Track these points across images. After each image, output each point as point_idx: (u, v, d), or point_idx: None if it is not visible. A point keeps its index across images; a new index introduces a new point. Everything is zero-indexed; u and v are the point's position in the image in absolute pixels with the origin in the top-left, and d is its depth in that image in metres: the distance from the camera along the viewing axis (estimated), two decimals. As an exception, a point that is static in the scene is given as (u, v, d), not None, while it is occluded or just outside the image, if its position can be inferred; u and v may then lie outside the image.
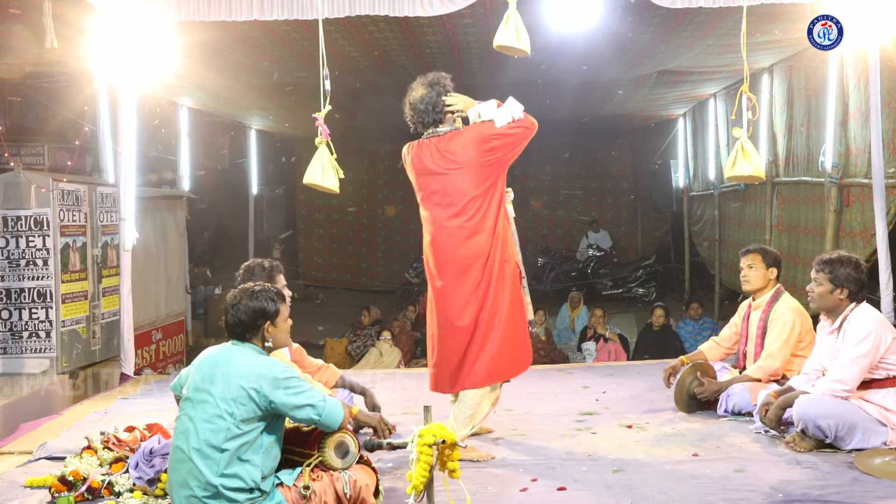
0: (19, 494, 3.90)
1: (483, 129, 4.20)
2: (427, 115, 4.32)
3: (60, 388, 6.15)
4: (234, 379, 3.12)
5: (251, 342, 3.30)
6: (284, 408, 3.14)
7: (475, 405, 4.32)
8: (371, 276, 17.29)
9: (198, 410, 3.14)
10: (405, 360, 9.35)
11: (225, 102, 10.60)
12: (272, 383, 3.11)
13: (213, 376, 3.16)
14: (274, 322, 3.32)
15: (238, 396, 3.09)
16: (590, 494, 3.78)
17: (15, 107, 7.64)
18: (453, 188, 4.23)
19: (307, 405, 3.16)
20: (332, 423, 3.24)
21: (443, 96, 4.32)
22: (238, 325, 3.29)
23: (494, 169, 4.22)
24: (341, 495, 3.26)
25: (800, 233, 8.18)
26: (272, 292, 3.36)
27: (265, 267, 4.38)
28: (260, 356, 3.26)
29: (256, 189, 13.74)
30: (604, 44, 7.42)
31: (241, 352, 3.25)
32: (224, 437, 3.07)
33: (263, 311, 3.29)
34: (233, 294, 3.36)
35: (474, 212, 4.21)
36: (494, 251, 4.23)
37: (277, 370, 3.15)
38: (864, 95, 6.34)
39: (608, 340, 9.30)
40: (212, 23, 5.49)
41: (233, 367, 3.17)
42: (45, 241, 6.31)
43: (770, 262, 5.16)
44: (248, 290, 3.33)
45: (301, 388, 3.17)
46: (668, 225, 15.39)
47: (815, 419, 4.16)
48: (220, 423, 3.08)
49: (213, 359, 3.25)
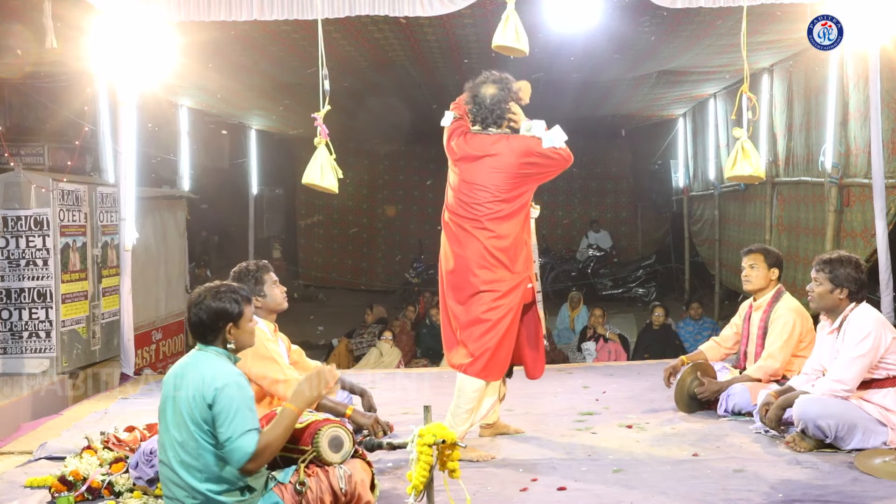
0: (19, 494, 3.90)
1: (530, 143, 4.28)
2: (491, 115, 4.36)
3: (60, 388, 6.15)
4: (190, 391, 3.05)
5: (214, 345, 3.19)
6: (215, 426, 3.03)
7: (474, 399, 4.33)
8: (371, 276, 17.30)
9: (170, 424, 3.11)
10: (405, 360, 9.34)
11: (225, 102, 10.60)
12: (210, 401, 3.02)
13: (179, 387, 3.10)
14: (237, 324, 3.20)
15: (194, 408, 3.03)
16: (590, 494, 3.77)
17: (15, 107, 7.64)
18: (481, 184, 4.28)
19: (228, 431, 2.99)
20: (231, 459, 3.00)
21: (509, 103, 4.39)
22: (199, 325, 3.18)
23: (524, 184, 4.31)
24: (337, 490, 3.24)
25: (800, 233, 8.18)
26: (238, 293, 3.23)
27: (250, 270, 4.37)
28: (212, 364, 3.12)
29: (256, 189, 13.75)
30: (604, 44, 7.42)
31: (200, 362, 3.14)
32: (197, 448, 3.04)
33: (225, 313, 3.17)
34: (197, 292, 3.24)
35: (496, 217, 4.26)
36: (513, 262, 4.29)
37: (216, 388, 3.02)
38: (864, 95, 6.34)
39: (608, 340, 9.30)
40: (212, 23, 5.49)
41: (189, 381, 3.08)
42: (45, 241, 6.31)
43: (772, 263, 5.16)
44: (213, 290, 3.21)
45: (228, 418, 2.99)
46: (668, 225, 15.40)
47: (815, 419, 4.16)
48: (189, 435, 3.05)
49: (179, 370, 3.18)
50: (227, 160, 13.09)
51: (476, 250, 4.28)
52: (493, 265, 4.26)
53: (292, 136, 14.74)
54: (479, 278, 4.26)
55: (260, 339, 4.23)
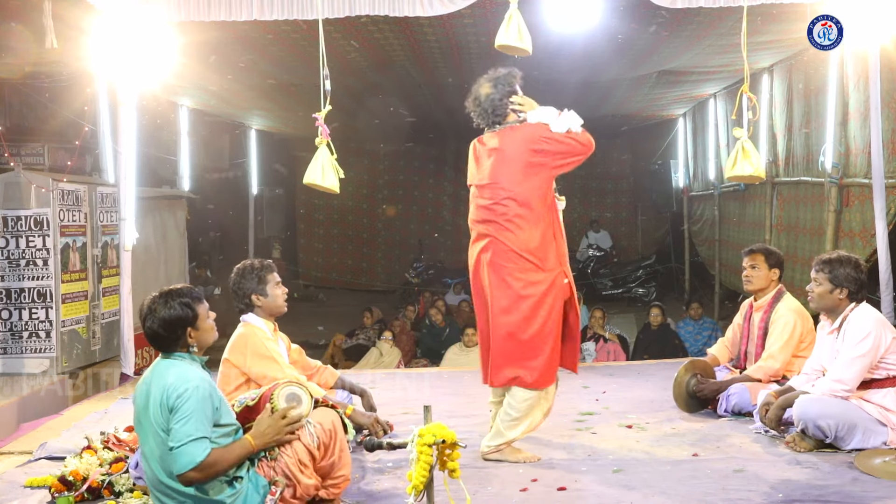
0: (19, 494, 3.91)
1: (536, 129, 4.16)
2: (491, 114, 4.27)
3: (60, 388, 6.15)
4: (158, 400, 3.04)
5: (176, 351, 3.16)
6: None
7: (524, 409, 4.19)
8: (371, 276, 17.31)
9: (147, 437, 3.10)
10: (405, 360, 9.35)
11: (225, 102, 10.61)
12: (170, 406, 3.02)
13: (146, 400, 3.09)
14: (195, 326, 3.16)
15: (161, 416, 3.03)
16: (590, 494, 3.77)
17: (15, 107, 7.64)
18: (495, 181, 4.16)
19: (179, 433, 2.98)
20: (176, 463, 2.97)
21: (508, 97, 4.27)
22: (156, 337, 3.15)
23: (537, 174, 4.13)
24: (311, 447, 3.23)
25: (799, 233, 8.18)
26: (187, 296, 3.16)
27: (255, 267, 4.36)
28: (175, 370, 3.09)
29: (256, 189, 13.75)
30: (604, 44, 7.42)
31: (164, 370, 3.11)
32: (167, 450, 3.02)
33: (180, 319, 3.12)
34: (146, 303, 3.17)
35: (517, 216, 4.12)
36: (544, 260, 4.14)
37: (177, 395, 3.01)
38: (864, 95, 6.34)
39: (607, 341, 9.30)
40: (212, 23, 5.49)
41: (154, 391, 3.06)
42: (45, 241, 6.31)
43: (773, 263, 5.16)
44: (162, 299, 3.13)
45: (182, 421, 2.98)
46: (668, 225, 15.40)
47: (815, 419, 4.16)
48: (162, 443, 3.03)
49: (144, 384, 3.15)
50: (227, 160, 13.10)
51: (503, 254, 4.14)
52: (525, 268, 4.11)
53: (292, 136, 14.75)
54: (512, 287, 4.12)
55: (260, 339, 4.24)
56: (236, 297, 4.37)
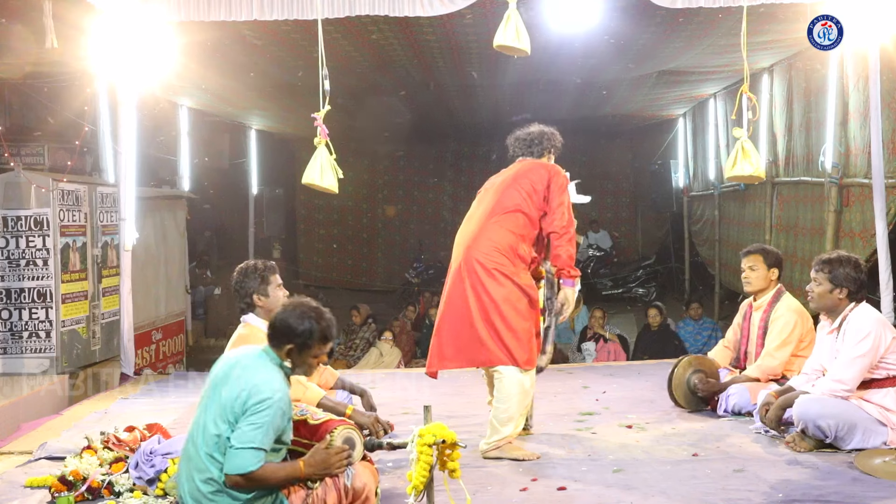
0: (19, 494, 3.91)
1: (562, 176, 4.49)
2: (536, 145, 4.63)
3: (60, 388, 6.14)
4: (237, 390, 3.06)
5: (278, 355, 3.16)
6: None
7: (517, 395, 4.32)
8: (371, 276, 17.29)
9: (209, 411, 3.11)
10: (405, 360, 9.35)
11: (225, 102, 10.60)
12: (249, 405, 3.03)
13: (225, 381, 3.11)
14: (301, 351, 3.15)
15: (236, 407, 3.04)
16: (590, 494, 3.78)
17: (15, 107, 7.63)
18: (504, 187, 4.48)
19: (244, 436, 3.00)
20: (230, 461, 3.00)
21: (551, 149, 4.68)
22: (278, 331, 3.16)
23: (530, 198, 4.43)
24: (340, 487, 3.24)
25: (799, 233, 8.18)
26: (330, 328, 3.18)
27: (258, 268, 4.36)
28: (268, 374, 3.11)
29: (256, 189, 13.74)
30: (604, 44, 7.42)
31: (259, 365, 3.13)
32: (225, 440, 3.05)
33: (303, 336, 3.13)
34: (303, 300, 3.23)
35: (516, 223, 4.43)
36: (518, 267, 4.44)
37: (260, 399, 3.03)
38: (864, 95, 6.34)
39: (608, 341, 9.30)
40: (212, 23, 5.49)
41: (241, 380, 3.07)
42: (45, 241, 6.31)
43: (771, 263, 5.16)
44: (312, 309, 3.18)
45: (253, 426, 3.01)
46: (668, 225, 15.38)
47: (815, 419, 4.17)
48: (222, 427, 3.05)
49: (233, 363, 3.18)
50: (227, 160, 13.09)
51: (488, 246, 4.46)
52: (508, 258, 4.42)
53: (292, 136, 14.74)
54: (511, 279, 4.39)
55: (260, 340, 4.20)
56: (238, 295, 4.38)
